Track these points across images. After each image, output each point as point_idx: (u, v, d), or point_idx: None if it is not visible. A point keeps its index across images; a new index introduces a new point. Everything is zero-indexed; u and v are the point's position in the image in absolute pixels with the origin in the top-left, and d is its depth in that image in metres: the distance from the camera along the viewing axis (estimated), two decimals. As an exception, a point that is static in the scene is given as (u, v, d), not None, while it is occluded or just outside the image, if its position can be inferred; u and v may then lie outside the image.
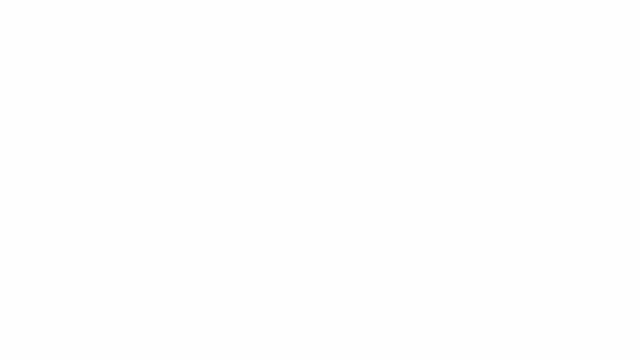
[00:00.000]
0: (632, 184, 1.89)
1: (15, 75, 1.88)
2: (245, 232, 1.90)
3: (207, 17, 1.89)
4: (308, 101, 1.90)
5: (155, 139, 1.89)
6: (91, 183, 1.89)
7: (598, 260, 1.89)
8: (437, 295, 1.90)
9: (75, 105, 1.89)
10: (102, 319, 1.89)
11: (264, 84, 1.90)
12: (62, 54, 1.88)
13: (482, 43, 1.89)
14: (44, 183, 1.88)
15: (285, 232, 1.90)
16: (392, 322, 1.89)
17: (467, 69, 1.89)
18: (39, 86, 1.88)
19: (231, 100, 1.90)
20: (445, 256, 1.90)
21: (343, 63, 1.90)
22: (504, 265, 1.90)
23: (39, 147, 1.88)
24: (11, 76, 1.88)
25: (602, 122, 1.89)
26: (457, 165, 1.89)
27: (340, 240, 1.90)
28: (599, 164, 1.89)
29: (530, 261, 1.89)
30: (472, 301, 1.90)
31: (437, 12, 1.89)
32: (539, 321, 1.89)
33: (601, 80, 1.89)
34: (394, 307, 1.90)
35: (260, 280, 1.90)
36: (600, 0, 1.89)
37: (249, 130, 1.90)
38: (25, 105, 1.88)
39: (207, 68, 1.89)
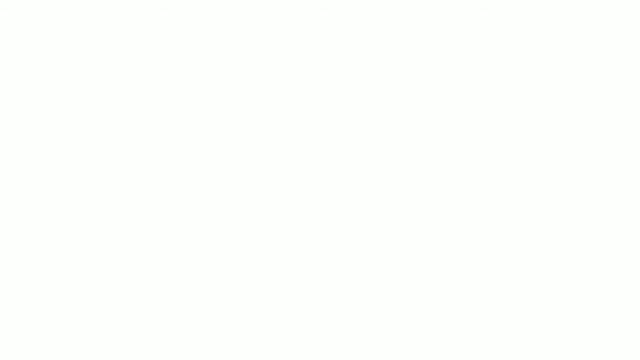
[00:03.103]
0: (632, 184, 1.89)
1: (16, 75, 1.88)
2: (244, 233, 1.90)
3: (207, 17, 1.89)
4: (308, 101, 1.90)
5: (155, 139, 1.89)
6: (90, 183, 1.89)
7: (598, 261, 1.89)
8: (435, 297, 1.90)
9: (75, 105, 1.89)
10: (101, 319, 1.89)
11: (264, 84, 1.90)
12: (61, 54, 1.88)
13: (482, 43, 1.89)
14: (43, 183, 1.89)
15: (284, 233, 1.90)
16: (390, 323, 1.90)
17: (467, 69, 1.89)
18: (39, 86, 1.88)
19: (231, 100, 1.90)
20: (444, 258, 1.90)
21: (343, 63, 1.90)
22: (504, 267, 1.90)
23: (39, 147, 1.88)
24: (11, 76, 1.88)
25: (602, 123, 1.89)
26: (457, 166, 1.89)
27: (339, 241, 1.91)
28: (599, 165, 1.89)
29: (530, 263, 1.90)
30: (471, 303, 1.90)
31: (437, 12, 1.89)
32: (539, 322, 1.90)
33: (602, 80, 1.90)
34: (393, 308, 1.90)
35: (260, 281, 1.90)
36: (601, 0, 1.89)
37: (248, 131, 1.90)
38: (25, 105, 1.88)
39: (207, 68, 1.89)
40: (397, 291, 1.89)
